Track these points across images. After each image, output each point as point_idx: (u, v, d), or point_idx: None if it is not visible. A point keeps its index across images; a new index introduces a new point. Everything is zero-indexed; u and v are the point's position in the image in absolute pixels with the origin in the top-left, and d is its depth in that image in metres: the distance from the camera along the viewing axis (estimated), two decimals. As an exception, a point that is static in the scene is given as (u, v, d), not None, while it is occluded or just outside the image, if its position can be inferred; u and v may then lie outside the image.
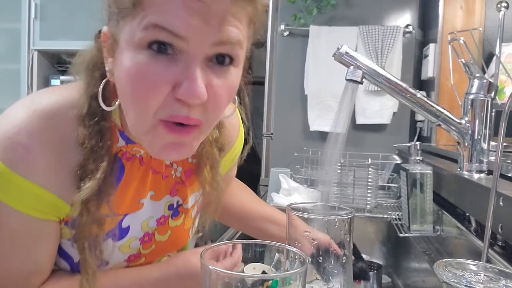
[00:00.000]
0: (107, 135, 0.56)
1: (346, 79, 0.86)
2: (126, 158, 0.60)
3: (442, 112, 0.88)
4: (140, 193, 0.63)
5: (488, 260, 0.63)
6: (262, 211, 0.88)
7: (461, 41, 0.91)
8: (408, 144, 1.12)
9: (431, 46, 1.59)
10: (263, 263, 0.90)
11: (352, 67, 0.85)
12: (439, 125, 0.89)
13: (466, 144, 0.89)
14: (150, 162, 0.63)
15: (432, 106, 0.88)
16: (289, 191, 1.31)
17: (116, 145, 0.59)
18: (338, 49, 0.86)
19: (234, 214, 0.88)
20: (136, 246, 0.64)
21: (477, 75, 0.90)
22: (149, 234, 0.65)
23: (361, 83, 0.86)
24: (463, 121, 0.89)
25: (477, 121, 0.89)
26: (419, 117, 1.72)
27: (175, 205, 0.68)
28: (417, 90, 0.88)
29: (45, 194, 0.54)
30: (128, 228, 0.62)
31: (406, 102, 0.88)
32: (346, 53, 0.86)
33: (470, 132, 0.89)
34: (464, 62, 0.92)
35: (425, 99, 0.88)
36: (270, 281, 0.38)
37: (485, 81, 0.89)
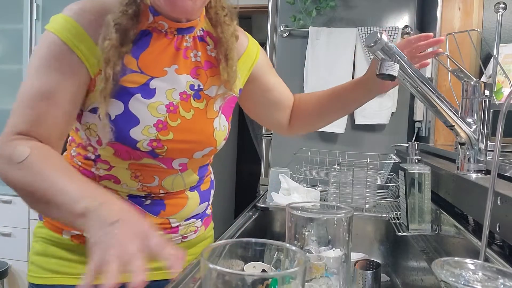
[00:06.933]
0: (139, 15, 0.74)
1: (381, 73, 0.77)
2: (154, 31, 0.76)
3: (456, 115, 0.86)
4: (164, 61, 0.76)
5: (486, 259, 0.63)
6: (327, 91, 1.02)
7: (454, 44, 0.92)
8: (407, 144, 1.13)
9: (430, 46, 1.60)
10: (262, 261, 0.90)
11: (387, 60, 0.76)
12: (452, 126, 0.87)
13: (466, 144, 0.89)
14: (173, 37, 0.77)
15: (447, 111, 0.86)
16: (288, 191, 1.32)
17: (147, 22, 0.75)
18: (377, 38, 0.75)
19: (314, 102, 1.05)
20: (163, 111, 0.75)
21: (466, 80, 0.90)
22: (174, 105, 0.76)
23: (395, 78, 0.77)
24: (471, 122, 0.88)
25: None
26: (417, 117, 1.73)
27: (195, 87, 0.79)
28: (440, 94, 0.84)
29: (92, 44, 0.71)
30: (154, 90, 0.74)
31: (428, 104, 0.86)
32: (386, 44, 0.76)
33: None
34: (451, 70, 0.92)
35: (443, 101, 0.85)
36: (270, 280, 0.38)
37: (478, 84, 0.90)
